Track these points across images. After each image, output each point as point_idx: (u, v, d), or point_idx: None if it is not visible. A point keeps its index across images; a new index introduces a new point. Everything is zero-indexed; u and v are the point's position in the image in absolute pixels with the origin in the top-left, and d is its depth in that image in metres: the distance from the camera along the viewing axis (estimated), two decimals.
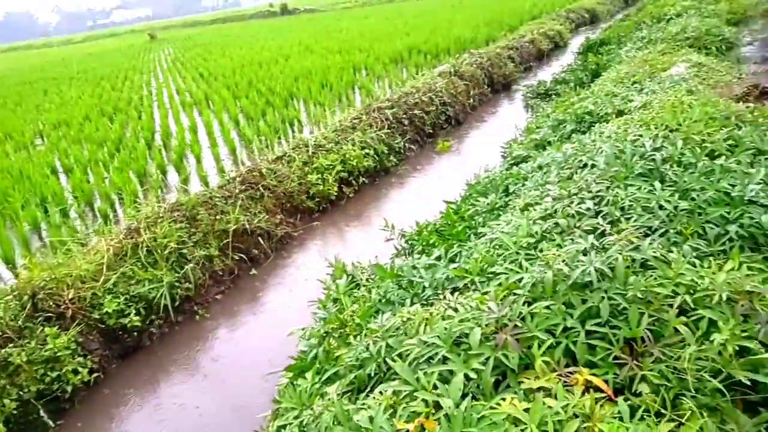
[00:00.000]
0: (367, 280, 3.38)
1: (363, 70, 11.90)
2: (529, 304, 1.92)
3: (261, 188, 5.58)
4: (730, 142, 3.16)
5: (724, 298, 1.79)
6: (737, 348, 1.61)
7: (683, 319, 1.76)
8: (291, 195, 5.78)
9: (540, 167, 3.92)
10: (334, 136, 6.81)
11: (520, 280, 2.10)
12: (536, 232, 2.62)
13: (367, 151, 6.62)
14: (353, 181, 6.36)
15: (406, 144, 7.33)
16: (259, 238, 5.11)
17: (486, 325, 1.82)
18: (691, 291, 1.87)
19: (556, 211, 2.75)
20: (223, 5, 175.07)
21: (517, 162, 5.09)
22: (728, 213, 2.45)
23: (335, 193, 6.06)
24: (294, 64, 13.02)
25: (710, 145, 3.09)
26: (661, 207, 2.55)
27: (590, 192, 2.82)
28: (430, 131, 7.91)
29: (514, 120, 7.78)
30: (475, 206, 4.03)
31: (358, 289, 3.26)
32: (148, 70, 18.16)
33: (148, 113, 10.29)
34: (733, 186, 2.61)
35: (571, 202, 2.79)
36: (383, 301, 2.73)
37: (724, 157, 2.97)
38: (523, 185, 3.82)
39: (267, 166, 5.91)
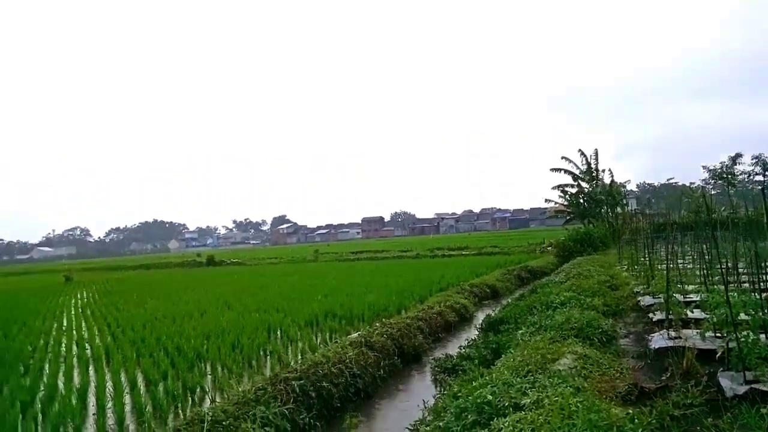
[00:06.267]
0: None
1: (278, 331, 11.94)
2: None
3: None
4: None
5: None
6: None
7: None
8: None
9: None
10: (234, 410, 6.43)
11: None
12: None
13: (267, 429, 6.22)
14: None
15: (312, 420, 7.01)
16: None
17: None
18: None
19: None
20: (151, 249, 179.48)
21: None
22: None
23: None
24: (209, 321, 12.90)
25: None
26: None
27: None
28: (338, 405, 7.68)
29: (423, 395, 7.78)
30: None
31: None
32: (52, 316, 17.27)
33: (36, 369, 9.43)
34: None
35: None
36: None
37: None
38: None
39: None
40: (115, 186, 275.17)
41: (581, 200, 39.16)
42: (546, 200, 41.69)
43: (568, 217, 41.23)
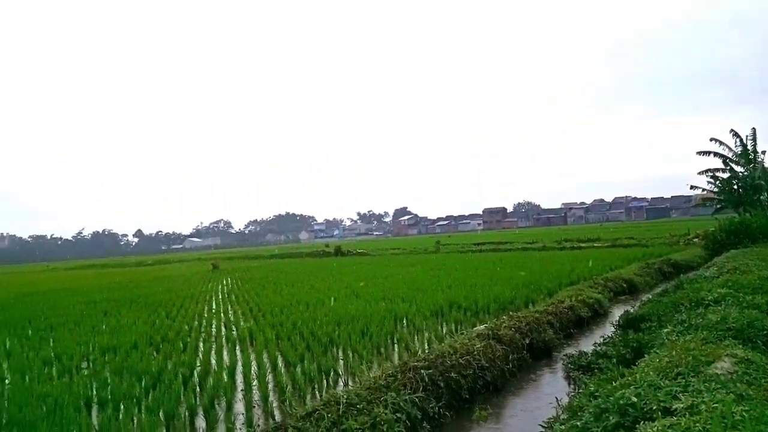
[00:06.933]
0: None
1: (404, 320, 12.15)
2: None
3: None
4: None
5: None
6: None
7: None
8: None
9: None
10: (367, 394, 6.67)
11: None
12: None
13: (399, 415, 6.37)
14: None
15: (441, 409, 7.05)
16: None
17: None
18: None
19: None
20: (284, 240, 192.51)
21: None
22: None
23: None
24: (339, 308, 13.50)
25: None
26: None
27: None
28: (467, 396, 7.65)
29: (555, 392, 7.50)
30: None
31: None
32: (203, 300, 19.25)
33: (193, 347, 10.57)
34: None
35: None
36: None
37: None
38: None
39: (294, 425, 5.74)
40: (257, 181, 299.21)
41: (735, 186, 34.77)
42: (691, 187, 37.49)
43: (718, 206, 36.82)
